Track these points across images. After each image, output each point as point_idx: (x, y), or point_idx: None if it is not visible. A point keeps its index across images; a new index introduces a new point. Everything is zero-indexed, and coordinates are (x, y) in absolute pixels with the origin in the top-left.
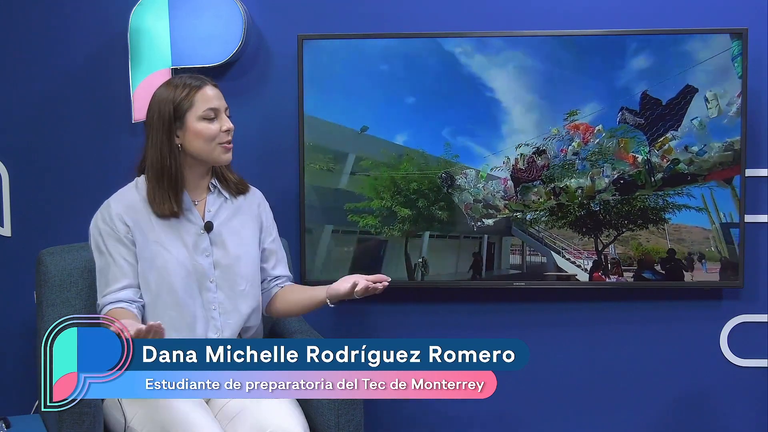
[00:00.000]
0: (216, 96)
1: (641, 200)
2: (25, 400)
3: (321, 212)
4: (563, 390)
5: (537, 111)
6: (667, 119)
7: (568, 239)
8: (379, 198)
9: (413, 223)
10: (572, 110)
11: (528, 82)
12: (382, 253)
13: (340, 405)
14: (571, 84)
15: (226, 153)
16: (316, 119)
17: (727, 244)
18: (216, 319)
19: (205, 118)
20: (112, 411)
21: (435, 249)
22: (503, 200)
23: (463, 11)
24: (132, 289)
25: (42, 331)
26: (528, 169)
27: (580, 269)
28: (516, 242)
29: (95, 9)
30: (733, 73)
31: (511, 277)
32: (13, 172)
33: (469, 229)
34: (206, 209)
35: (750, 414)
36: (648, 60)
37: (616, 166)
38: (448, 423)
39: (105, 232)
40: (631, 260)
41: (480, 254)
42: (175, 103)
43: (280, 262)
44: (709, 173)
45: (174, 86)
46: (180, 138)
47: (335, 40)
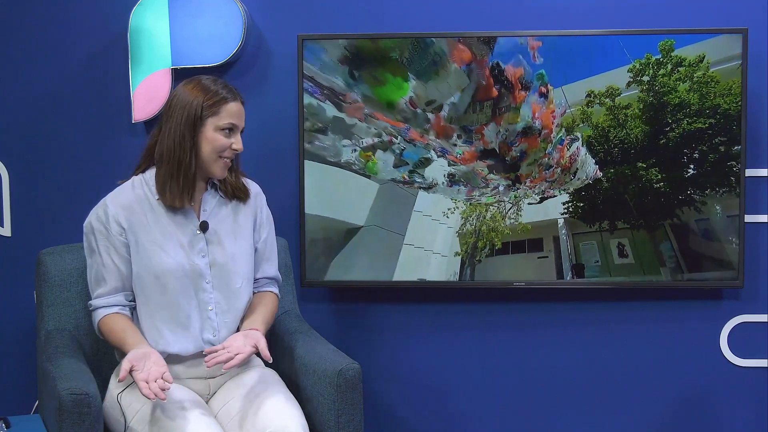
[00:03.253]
0: (239, 113)
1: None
2: (25, 400)
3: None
4: (563, 390)
5: None
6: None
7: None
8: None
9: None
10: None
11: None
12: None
13: (340, 405)
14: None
15: (224, 169)
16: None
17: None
18: (212, 320)
19: (223, 130)
20: (112, 411)
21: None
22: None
23: (463, 11)
24: (123, 293)
25: (42, 331)
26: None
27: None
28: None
29: (95, 9)
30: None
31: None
32: (13, 172)
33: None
34: (201, 209)
35: (750, 414)
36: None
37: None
38: (448, 423)
39: (99, 232)
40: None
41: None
42: (205, 105)
43: (264, 263)
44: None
45: (206, 89)
46: (196, 138)
47: (335, 40)
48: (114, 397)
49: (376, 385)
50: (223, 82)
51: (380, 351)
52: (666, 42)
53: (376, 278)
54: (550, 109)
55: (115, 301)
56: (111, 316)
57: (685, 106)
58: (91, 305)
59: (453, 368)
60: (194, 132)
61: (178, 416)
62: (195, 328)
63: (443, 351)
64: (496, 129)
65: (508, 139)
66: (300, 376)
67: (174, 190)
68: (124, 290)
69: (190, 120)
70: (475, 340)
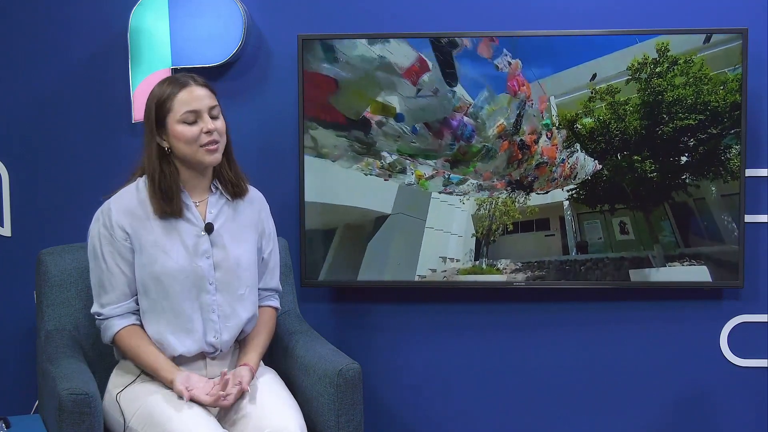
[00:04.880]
0: (196, 97)
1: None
2: (25, 400)
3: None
4: (563, 390)
5: None
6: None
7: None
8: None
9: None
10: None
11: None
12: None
13: (340, 405)
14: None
15: (210, 155)
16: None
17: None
18: (215, 322)
19: (184, 122)
20: (112, 411)
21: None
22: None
23: (463, 11)
24: (133, 299)
25: (42, 331)
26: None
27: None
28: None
29: (95, 9)
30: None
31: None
32: (13, 172)
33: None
34: (207, 210)
35: (750, 414)
36: None
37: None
38: (448, 423)
39: (104, 238)
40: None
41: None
42: (157, 108)
43: (267, 274)
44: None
45: (154, 93)
46: (167, 141)
47: (335, 40)
48: (113, 397)
49: (376, 385)
50: (175, 76)
51: (380, 351)
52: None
53: (397, 264)
54: (554, 143)
55: (127, 308)
56: (129, 330)
57: (680, 101)
58: (102, 314)
59: (453, 368)
60: (162, 135)
61: (177, 416)
62: (198, 331)
63: (443, 351)
64: (519, 173)
65: (524, 173)
66: (300, 376)
67: (155, 200)
68: (132, 296)
69: (152, 127)
70: (475, 340)
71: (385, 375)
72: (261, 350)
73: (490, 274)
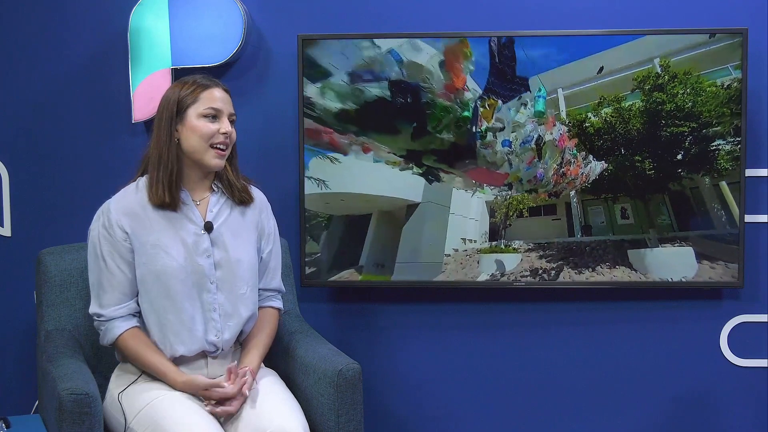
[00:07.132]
0: (222, 99)
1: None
2: (25, 400)
3: None
4: (563, 390)
5: None
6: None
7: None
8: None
9: None
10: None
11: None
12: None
13: (340, 405)
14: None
15: (217, 158)
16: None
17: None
18: (216, 321)
19: (205, 116)
20: (113, 411)
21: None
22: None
23: (464, 11)
24: (133, 301)
25: (42, 331)
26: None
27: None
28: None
29: (95, 9)
30: None
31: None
32: (13, 172)
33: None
34: (208, 209)
35: (750, 414)
36: None
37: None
38: (448, 423)
39: (104, 237)
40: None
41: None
42: (180, 98)
43: (269, 274)
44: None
45: (183, 83)
46: (178, 132)
47: (335, 40)
48: (114, 397)
49: (376, 385)
50: (205, 75)
51: (380, 351)
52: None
53: (429, 245)
54: (578, 165)
55: (128, 310)
56: (131, 333)
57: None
58: (102, 315)
59: (453, 368)
60: (177, 125)
61: (178, 416)
62: (199, 330)
63: (443, 351)
64: (545, 189)
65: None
66: (300, 376)
67: (155, 187)
68: (132, 297)
69: (171, 114)
70: (475, 340)
71: (385, 375)
72: (262, 351)
73: (508, 252)
